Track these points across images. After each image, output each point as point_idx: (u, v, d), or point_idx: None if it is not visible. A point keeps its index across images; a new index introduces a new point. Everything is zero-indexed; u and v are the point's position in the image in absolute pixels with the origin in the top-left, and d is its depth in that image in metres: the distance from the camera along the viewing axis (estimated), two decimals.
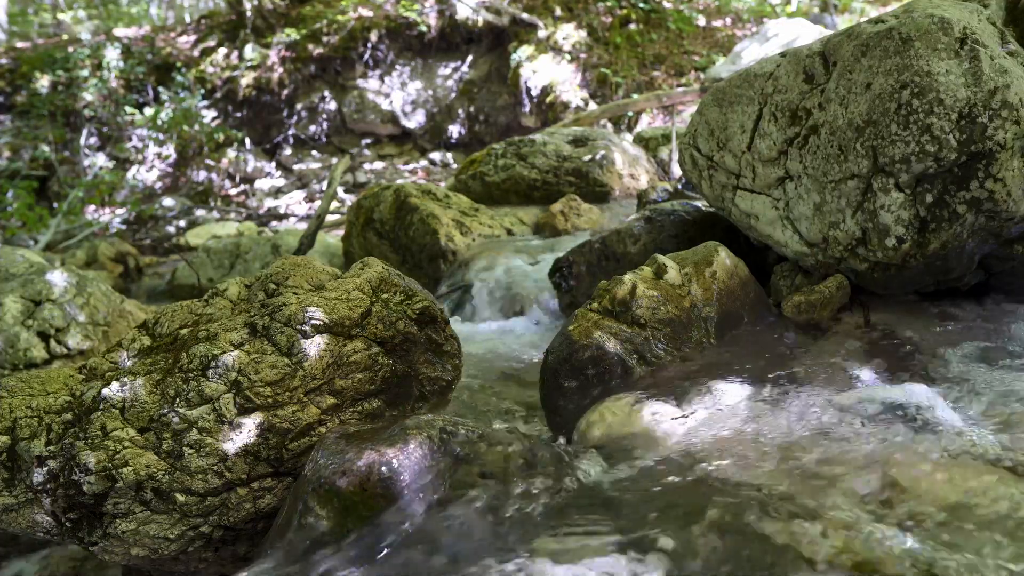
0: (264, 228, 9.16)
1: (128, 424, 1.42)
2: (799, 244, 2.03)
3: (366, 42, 12.30)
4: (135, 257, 6.98)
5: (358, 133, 12.50)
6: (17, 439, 1.44)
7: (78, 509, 1.40)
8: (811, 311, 1.94)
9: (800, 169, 1.99)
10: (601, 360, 1.71)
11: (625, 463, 1.39)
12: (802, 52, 2.05)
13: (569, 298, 2.85)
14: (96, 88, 12.21)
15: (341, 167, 6.49)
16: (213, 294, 1.72)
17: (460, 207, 4.16)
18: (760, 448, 1.34)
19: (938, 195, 1.78)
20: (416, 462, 1.27)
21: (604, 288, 1.84)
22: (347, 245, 4.48)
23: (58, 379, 1.55)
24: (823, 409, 1.48)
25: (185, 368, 1.47)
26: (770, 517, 1.09)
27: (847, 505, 1.11)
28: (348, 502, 1.24)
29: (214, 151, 11.99)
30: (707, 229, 2.59)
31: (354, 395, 1.53)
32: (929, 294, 2.01)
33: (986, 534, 1.02)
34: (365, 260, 1.74)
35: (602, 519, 1.16)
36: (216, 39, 13.34)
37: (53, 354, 3.12)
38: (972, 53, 1.73)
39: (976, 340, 1.78)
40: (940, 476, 1.17)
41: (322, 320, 1.52)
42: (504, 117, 11.43)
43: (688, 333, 1.80)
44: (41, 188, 10.75)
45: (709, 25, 11.08)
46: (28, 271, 3.40)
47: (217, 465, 1.40)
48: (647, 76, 10.19)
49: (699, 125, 2.32)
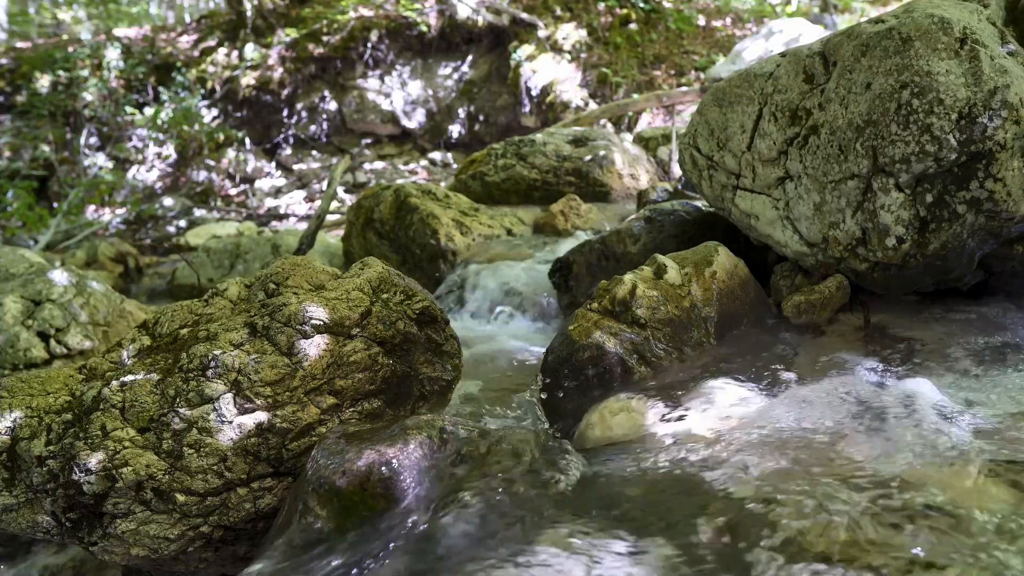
0: (264, 228, 9.16)
1: (128, 424, 1.42)
2: (799, 244, 2.03)
3: (366, 42, 12.30)
4: (135, 257, 6.98)
5: (358, 133, 12.50)
6: (17, 439, 1.44)
7: (78, 509, 1.40)
8: (811, 311, 1.94)
9: (800, 169, 1.99)
10: (601, 360, 1.71)
11: (625, 463, 1.39)
12: (802, 52, 2.05)
13: (569, 298, 2.85)
14: (96, 88, 12.21)
15: (341, 167, 6.49)
16: (213, 294, 1.72)
17: (460, 207, 4.16)
18: (760, 448, 1.34)
19: (938, 195, 1.78)
20: (416, 462, 1.27)
21: (604, 288, 1.84)
22: (347, 245, 4.48)
23: (58, 379, 1.55)
24: (823, 409, 1.48)
25: (185, 368, 1.47)
26: (769, 516, 1.09)
27: (847, 503, 1.11)
28: (348, 502, 1.24)
29: (214, 151, 11.99)
30: (707, 229, 2.59)
31: (354, 395, 1.53)
32: (929, 294, 2.01)
33: (987, 534, 1.02)
34: (365, 260, 1.74)
35: (602, 519, 1.16)
36: (216, 39, 13.34)
37: (53, 354, 3.13)
38: (972, 53, 1.73)
39: (976, 340, 1.78)
40: (939, 475, 1.17)
41: (322, 320, 1.52)
42: (504, 117, 11.43)
43: (688, 333, 1.80)
44: (41, 188, 10.75)
45: (709, 25, 11.07)
46: (28, 271, 3.40)
47: (217, 465, 1.40)
48: (647, 76, 10.19)
49: (699, 125, 2.32)
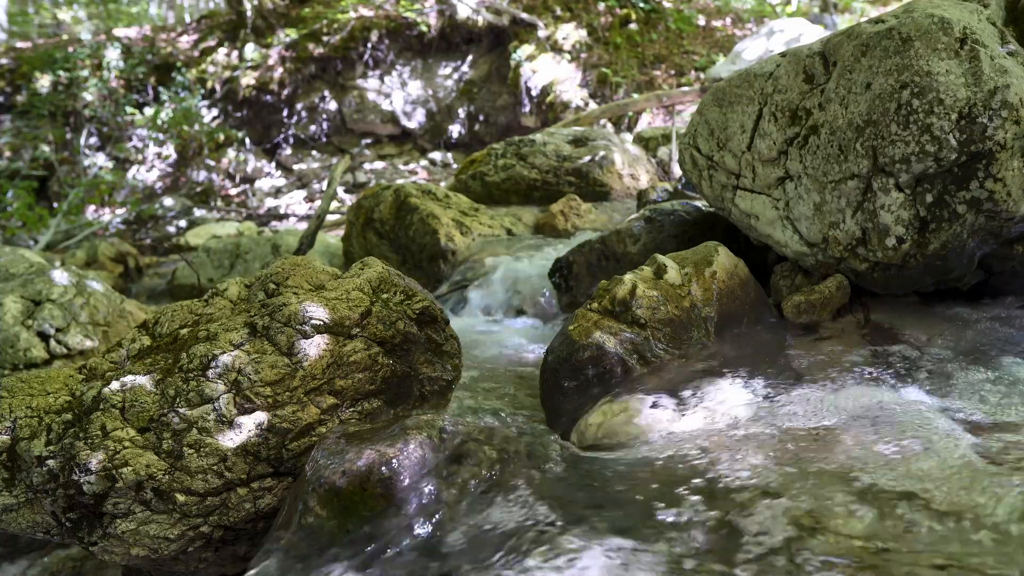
0: (264, 228, 9.17)
1: (128, 424, 1.42)
2: (799, 244, 2.03)
3: (366, 42, 12.30)
4: (135, 257, 6.98)
5: (358, 133, 12.50)
6: (17, 439, 1.44)
7: (78, 509, 1.40)
8: (811, 311, 1.94)
9: (800, 169, 1.99)
10: (601, 360, 1.71)
11: (625, 463, 1.40)
12: (802, 52, 2.05)
13: (569, 298, 2.85)
14: (96, 88, 12.22)
15: (341, 167, 6.49)
16: (213, 294, 1.72)
17: (460, 207, 4.16)
18: (761, 448, 1.34)
19: (938, 195, 1.78)
20: (416, 462, 1.27)
21: (604, 288, 1.84)
22: (347, 245, 4.48)
23: (58, 379, 1.55)
24: (823, 409, 1.48)
25: (185, 368, 1.47)
26: (769, 515, 1.09)
27: (846, 502, 1.11)
28: (348, 502, 1.24)
29: (214, 151, 11.99)
30: (707, 229, 2.59)
31: (354, 395, 1.53)
32: (929, 294, 2.01)
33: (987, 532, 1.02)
34: (365, 260, 1.74)
35: (602, 519, 1.16)
36: (216, 39, 13.34)
37: (53, 354, 3.13)
38: (972, 53, 1.73)
39: (976, 340, 1.78)
40: (939, 474, 1.17)
41: (322, 320, 1.52)
42: (504, 117, 11.44)
43: (688, 333, 1.80)
44: (41, 188, 10.75)
45: (709, 25, 11.08)
46: (28, 271, 3.40)
47: (217, 465, 1.40)
48: (647, 76, 10.19)
49: (699, 125, 2.32)
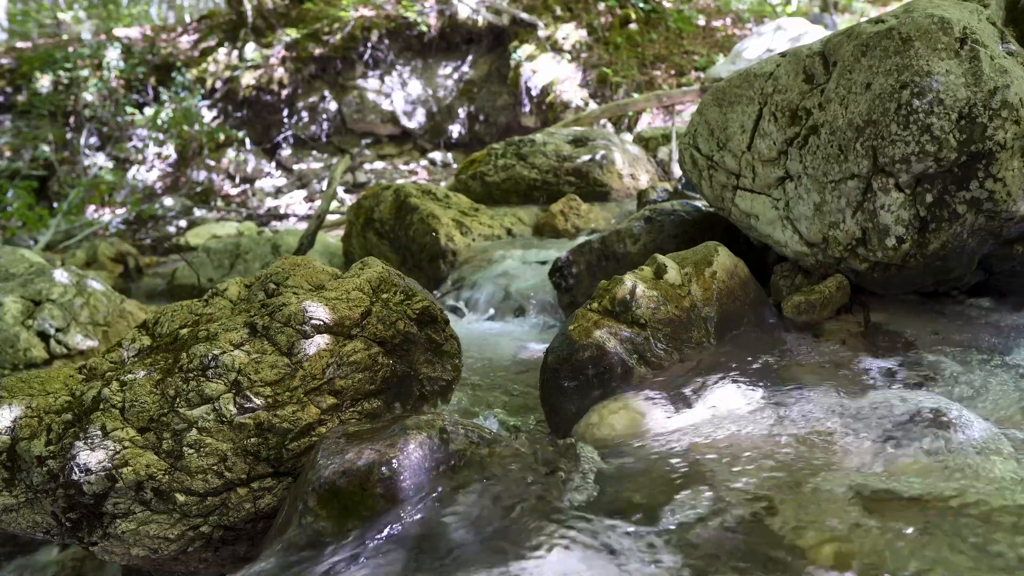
0: (264, 228, 9.17)
1: (128, 424, 1.42)
2: (799, 244, 2.03)
3: (366, 42, 12.31)
4: (135, 257, 6.98)
5: (358, 133, 12.50)
6: (17, 439, 1.44)
7: (78, 509, 1.40)
8: (811, 311, 1.94)
9: (800, 169, 1.99)
10: (601, 360, 1.71)
11: (625, 463, 1.39)
12: (802, 52, 2.05)
13: (569, 298, 2.85)
14: (96, 88, 12.22)
15: (341, 167, 6.49)
16: (213, 294, 1.72)
17: (460, 207, 4.16)
18: (761, 448, 1.34)
19: (938, 195, 1.78)
20: (416, 462, 1.27)
21: (604, 288, 1.84)
22: (347, 245, 4.48)
23: (58, 379, 1.55)
24: (823, 409, 1.48)
25: (185, 368, 1.47)
26: (768, 514, 1.09)
27: (844, 502, 1.11)
28: (348, 502, 1.24)
29: (214, 151, 11.99)
30: (707, 229, 2.59)
31: (354, 395, 1.53)
32: (929, 294, 2.01)
33: (987, 532, 1.02)
34: (365, 260, 1.74)
35: (602, 519, 1.16)
36: (216, 39, 13.34)
37: (53, 354, 3.13)
38: (972, 53, 1.73)
39: (976, 340, 1.78)
40: (938, 473, 1.18)
41: (322, 320, 1.52)
42: (504, 117, 11.44)
43: (688, 333, 1.80)
44: (41, 188, 10.75)
45: (709, 25, 11.08)
46: (28, 271, 3.40)
47: (217, 465, 1.40)
48: (647, 76, 10.19)
49: (699, 125, 2.32)
